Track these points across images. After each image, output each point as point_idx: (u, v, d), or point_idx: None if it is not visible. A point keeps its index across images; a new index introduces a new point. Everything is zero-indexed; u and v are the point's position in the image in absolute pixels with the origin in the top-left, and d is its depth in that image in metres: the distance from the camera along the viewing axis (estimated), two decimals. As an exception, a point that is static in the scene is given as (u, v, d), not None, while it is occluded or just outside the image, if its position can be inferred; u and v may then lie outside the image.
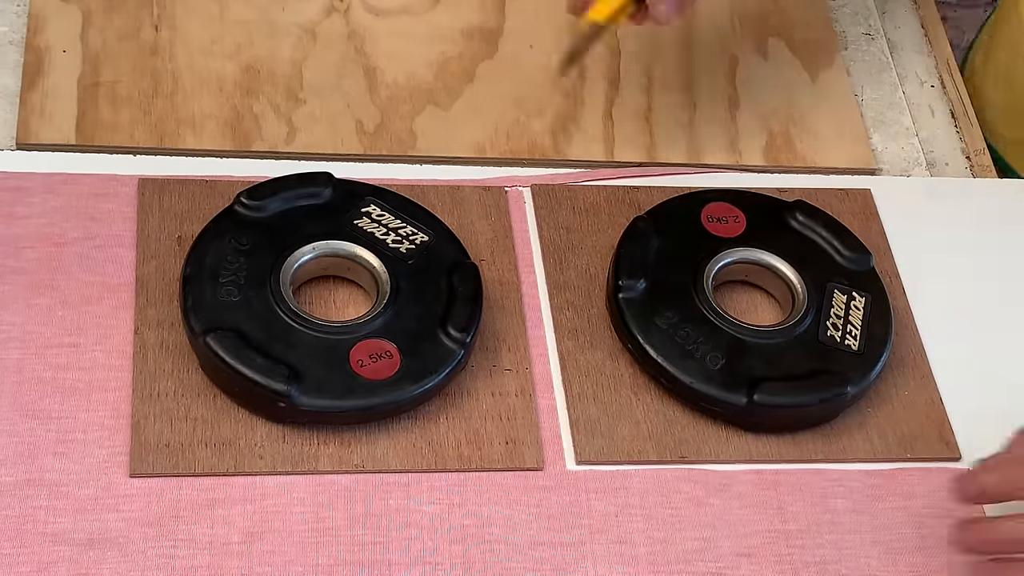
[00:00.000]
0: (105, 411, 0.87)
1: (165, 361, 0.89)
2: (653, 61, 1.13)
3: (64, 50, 1.03)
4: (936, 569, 0.90)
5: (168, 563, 0.83)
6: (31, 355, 0.89)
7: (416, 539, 0.86)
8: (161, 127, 1.01)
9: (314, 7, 1.11)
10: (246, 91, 1.04)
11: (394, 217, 0.95)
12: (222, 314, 0.88)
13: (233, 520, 0.85)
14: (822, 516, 0.91)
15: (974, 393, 0.99)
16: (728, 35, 1.16)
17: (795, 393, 0.92)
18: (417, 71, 1.08)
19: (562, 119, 1.08)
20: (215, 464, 0.86)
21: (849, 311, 0.97)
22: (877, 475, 0.94)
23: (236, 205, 0.93)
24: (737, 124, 1.11)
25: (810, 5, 1.19)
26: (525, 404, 0.92)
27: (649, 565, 0.88)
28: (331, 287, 0.95)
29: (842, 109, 1.13)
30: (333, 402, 0.87)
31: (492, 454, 0.90)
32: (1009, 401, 0.99)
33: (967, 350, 1.01)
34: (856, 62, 1.17)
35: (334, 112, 1.05)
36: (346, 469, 0.88)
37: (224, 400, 0.88)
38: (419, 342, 0.90)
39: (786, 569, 0.89)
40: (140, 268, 0.93)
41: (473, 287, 0.93)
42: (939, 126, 1.15)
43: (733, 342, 0.94)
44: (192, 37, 1.06)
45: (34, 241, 0.93)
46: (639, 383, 0.94)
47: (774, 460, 0.93)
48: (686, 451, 0.92)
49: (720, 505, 0.91)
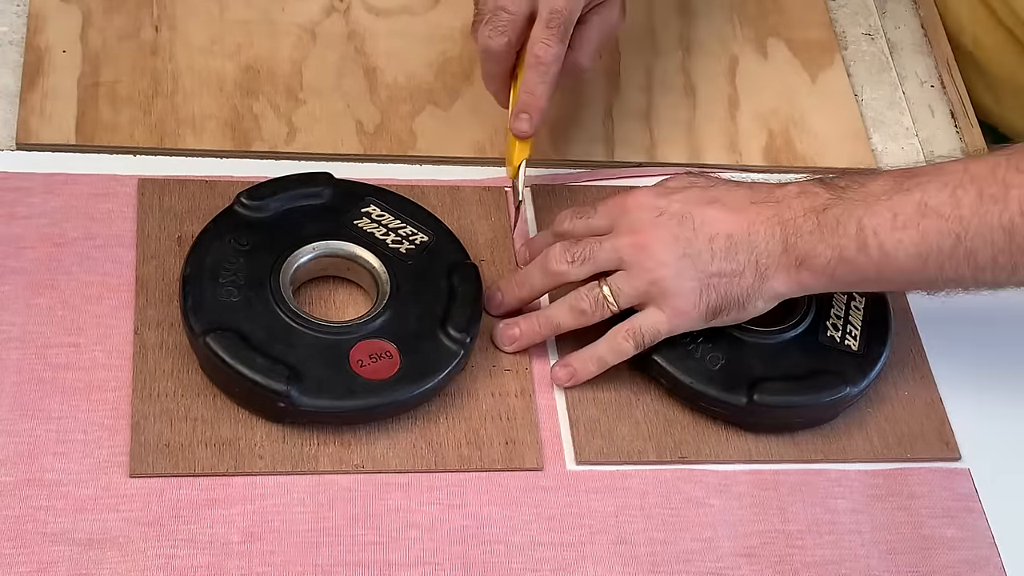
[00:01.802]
0: (105, 411, 0.87)
1: (165, 361, 0.89)
2: (653, 61, 1.13)
3: (64, 50, 1.03)
4: (936, 569, 0.90)
5: (168, 563, 0.83)
6: (31, 355, 0.89)
7: (416, 539, 0.86)
8: (161, 127, 1.01)
9: (314, 7, 1.11)
10: (246, 91, 1.04)
11: (394, 217, 0.95)
12: (222, 314, 0.88)
13: (233, 520, 0.85)
14: (822, 516, 0.91)
15: (974, 393, 0.99)
16: (728, 35, 1.16)
17: (795, 393, 0.93)
18: (417, 71, 1.08)
19: (562, 119, 1.08)
20: (215, 464, 0.86)
21: (849, 311, 0.97)
22: (877, 475, 0.94)
23: (236, 205, 0.93)
24: (737, 124, 1.10)
25: (810, 5, 1.19)
26: (525, 404, 0.92)
27: (649, 565, 0.88)
28: (331, 287, 0.95)
29: (842, 109, 1.13)
30: (333, 402, 0.87)
31: (492, 454, 0.90)
32: (1009, 401, 0.99)
33: (967, 350, 1.01)
34: (856, 62, 1.17)
35: (334, 112, 1.05)
36: (346, 469, 0.88)
37: (224, 400, 0.88)
38: (419, 342, 0.90)
39: (786, 569, 0.89)
40: (140, 268, 0.93)
41: (473, 287, 0.93)
42: (939, 126, 1.15)
43: (733, 342, 0.94)
44: (192, 37, 1.06)
45: (34, 241, 0.93)
46: (639, 383, 0.94)
47: (774, 460, 0.93)
48: (686, 451, 0.92)
49: (720, 505, 0.91)
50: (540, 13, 0.95)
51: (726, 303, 0.90)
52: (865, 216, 0.88)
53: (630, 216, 0.91)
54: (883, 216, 0.88)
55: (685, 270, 0.89)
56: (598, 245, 0.91)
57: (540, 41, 0.95)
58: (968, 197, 0.87)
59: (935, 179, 0.88)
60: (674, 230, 0.90)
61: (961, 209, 0.87)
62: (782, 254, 0.89)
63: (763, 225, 0.89)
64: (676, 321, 0.90)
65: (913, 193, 0.88)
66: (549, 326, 0.93)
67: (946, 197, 0.87)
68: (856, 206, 0.88)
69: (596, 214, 0.93)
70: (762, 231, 0.89)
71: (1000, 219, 0.86)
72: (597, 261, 0.91)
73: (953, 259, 0.87)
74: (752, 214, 0.90)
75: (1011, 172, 0.87)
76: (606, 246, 0.91)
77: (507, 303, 0.95)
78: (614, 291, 0.91)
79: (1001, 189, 0.86)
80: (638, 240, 0.90)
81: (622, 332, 0.91)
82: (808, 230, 0.89)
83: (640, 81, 1.12)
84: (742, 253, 0.89)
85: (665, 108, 1.10)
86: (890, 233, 0.88)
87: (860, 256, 0.88)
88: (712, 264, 0.89)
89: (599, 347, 0.92)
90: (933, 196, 0.87)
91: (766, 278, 0.90)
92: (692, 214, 0.90)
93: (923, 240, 0.87)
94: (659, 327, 0.91)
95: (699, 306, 0.90)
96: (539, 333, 0.94)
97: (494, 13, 0.96)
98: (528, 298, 0.95)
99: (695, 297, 0.90)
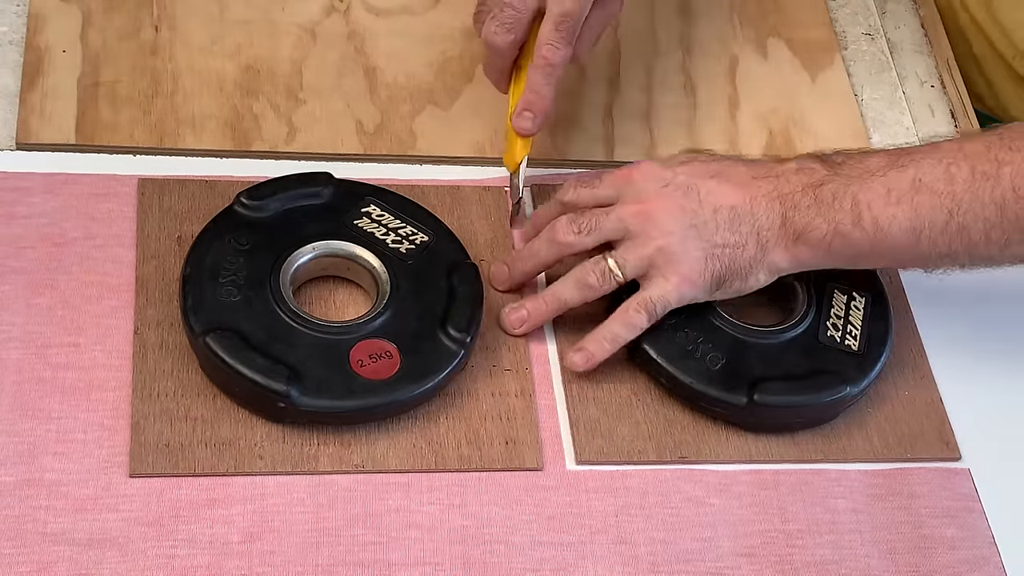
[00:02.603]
0: (105, 411, 0.87)
1: (165, 361, 0.89)
2: (653, 61, 1.13)
3: (64, 50, 1.03)
4: (936, 569, 0.90)
5: (168, 563, 0.83)
6: (31, 355, 0.89)
7: (416, 539, 0.86)
8: (161, 127, 1.01)
9: (314, 7, 1.11)
10: (246, 91, 1.04)
11: (394, 217, 0.95)
12: (222, 314, 0.88)
13: (233, 520, 0.85)
14: (822, 516, 0.91)
15: (974, 393, 0.99)
16: (728, 35, 1.16)
17: (795, 393, 0.93)
18: (417, 71, 1.08)
19: (562, 119, 1.08)
20: (215, 464, 0.86)
21: (849, 311, 0.97)
22: (877, 475, 0.94)
23: (236, 205, 0.93)
24: (737, 124, 1.11)
25: (810, 5, 1.20)
26: (525, 404, 0.92)
27: (649, 565, 0.88)
28: (331, 287, 0.95)
29: (842, 109, 1.13)
30: (333, 402, 0.87)
31: (492, 454, 0.90)
32: (1009, 401, 0.99)
33: (967, 350, 1.01)
34: (856, 62, 1.17)
35: (334, 112, 1.05)
36: (346, 469, 0.88)
37: (224, 400, 0.88)
38: (419, 342, 0.90)
39: (786, 569, 0.89)
40: (140, 268, 0.93)
41: (473, 287, 0.93)
42: (939, 126, 1.15)
43: (733, 342, 0.94)
44: (192, 37, 1.06)
45: (34, 241, 0.93)
46: (639, 383, 0.94)
47: (774, 460, 0.93)
48: (686, 451, 0.92)
49: (720, 505, 0.91)
50: (549, 12, 0.95)
51: (730, 273, 0.91)
52: (860, 191, 0.90)
53: (636, 186, 0.93)
54: (877, 191, 0.90)
55: (691, 239, 0.91)
56: (604, 215, 0.92)
57: (548, 43, 0.96)
58: (961, 174, 0.89)
59: (929, 156, 0.90)
60: (680, 201, 0.91)
61: (954, 185, 0.89)
62: (781, 227, 0.91)
63: (764, 199, 0.91)
64: (684, 289, 0.91)
65: (908, 169, 0.90)
66: (556, 303, 0.94)
67: (940, 173, 0.89)
68: (852, 182, 0.90)
69: (601, 184, 0.94)
70: (763, 204, 0.91)
71: (992, 195, 0.88)
72: (603, 231, 0.92)
73: (946, 234, 0.89)
74: (753, 188, 0.91)
75: (1004, 150, 0.89)
76: (612, 216, 0.92)
77: (514, 277, 0.96)
78: (619, 262, 0.92)
79: (993, 166, 0.88)
80: (644, 209, 0.92)
81: (633, 305, 0.92)
82: (805, 205, 0.90)
83: (640, 81, 1.12)
84: (745, 225, 0.91)
85: (665, 108, 1.10)
86: (884, 208, 0.89)
87: (855, 230, 0.90)
88: (717, 234, 0.91)
89: (611, 324, 0.92)
90: (927, 172, 0.89)
91: (767, 251, 0.91)
92: (697, 186, 0.92)
93: (916, 215, 0.89)
94: (668, 296, 0.91)
95: (704, 274, 0.91)
96: (546, 312, 0.94)
97: (500, 8, 0.96)
98: (534, 271, 0.96)
99: (701, 265, 0.91)
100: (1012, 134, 0.90)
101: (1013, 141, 0.89)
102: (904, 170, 0.90)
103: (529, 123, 0.97)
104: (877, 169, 0.90)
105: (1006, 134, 0.90)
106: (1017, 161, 0.88)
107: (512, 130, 0.98)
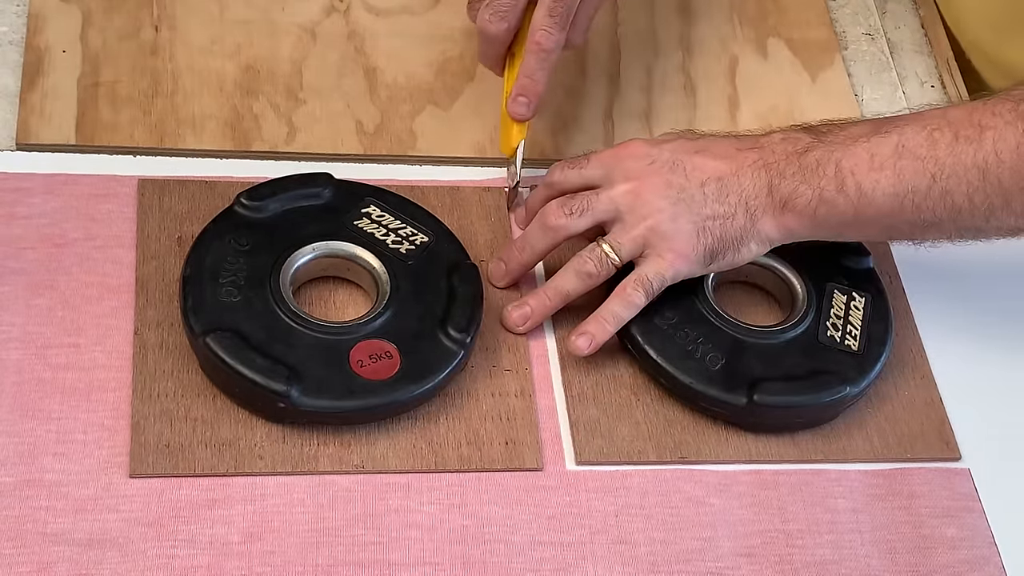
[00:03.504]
0: (105, 411, 0.87)
1: (165, 361, 0.89)
2: (653, 61, 1.13)
3: (64, 50, 1.03)
4: (936, 568, 0.90)
5: (168, 563, 0.83)
6: (31, 355, 0.89)
7: (416, 539, 0.86)
8: (161, 127, 1.01)
9: (314, 7, 1.11)
10: (246, 91, 1.04)
11: (394, 218, 0.95)
12: (222, 314, 0.88)
13: (233, 520, 0.85)
14: (822, 516, 0.91)
15: (974, 393, 0.99)
16: (728, 35, 1.16)
17: (795, 393, 0.93)
18: (417, 71, 1.08)
19: (562, 119, 1.08)
20: (215, 464, 0.86)
21: (849, 311, 0.97)
22: (877, 475, 0.94)
23: (236, 205, 0.93)
24: (737, 124, 1.10)
25: (810, 5, 1.19)
26: (525, 404, 0.92)
27: (649, 565, 0.88)
28: (331, 287, 0.95)
29: (842, 109, 1.13)
30: (333, 402, 0.87)
31: (492, 454, 0.90)
32: (1009, 401, 0.99)
33: (967, 350, 1.01)
34: (856, 62, 1.17)
35: (334, 112, 1.05)
36: (346, 469, 0.88)
37: (224, 400, 0.88)
38: (419, 342, 0.90)
39: (786, 569, 0.89)
40: (140, 268, 0.93)
41: (473, 287, 0.93)
42: (939, 126, 1.15)
43: (733, 342, 0.94)
44: (192, 37, 1.06)
45: (34, 241, 0.93)
46: (639, 383, 0.94)
47: (774, 460, 0.93)
48: (686, 451, 0.92)
49: (720, 505, 0.91)
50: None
51: (722, 245, 0.92)
52: (844, 158, 0.91)
53: (623, 165, 0.93)
54: (860, 157, 0.90)
55: (681, 213, 0.91)
56: (595, 197, 0.93)
57: (542, 28, 0.97)
58: (944, 138, 0.89)
59: (913, 123, 0.91)
60: (667, 176, 0.92)
61: (937, 150, 0.89)
62: (767, 196, 0.91)
63: (749, 168, 0.92)
64: (678, 264, 0.92)
65: (891, 135, 0.91)
66: (558, 295, 0.94)
67: (922, 139, 0.90)
68: (835, 148, 0.91)
69: (589, 164, 0.95)
70: (749, 174, 0.92)
71: (975, 159, 0.89)
72: (596, 212, 0.93)
73: (929, 199, 0.90)
74: (739, 159, 0.92)
75: (986, 115, 0.89)
76: (602, 196, 0.93)
77: (511, 270, 0.96)
78: (614, 246, 0.92)
79: (976, 131, 0.89)
80: (632, 187, 0.92)
81: (630, 284, 0.92)
82: (791, 172, 0.91)
83: (640, 81, 1.12)
84: (732, 195, 0.92)
85: (665, 108, 1.10)
86: (867, 173, 0.90)
87: (839, 197, 0.91)
88: (706, 207, 0.92)
89: (611, 305, 0.93)
90: (910, 138, 0.90)
91: (756, 220, 0.92)
92: (683, 161, 0.93)
93: (899, 180, 0.90)
94: (663, 272, 0.92)
95: (697, 248, 0.92)
96: (549, 306, 0.94)
97: None
98: (531, 261, 0.96)
99: (693, 239, 0.92)
100: (995, 100, 0.91)
101: (996, 106, 0.90)
102: (887, 136, 0.91)
103: (524, 108, 0.98)
104: (861, 136, 0.91)
105: (990, 101, 0.91)
106: (1000, 126, 0.89)
107: (507, 115, 0.99)
